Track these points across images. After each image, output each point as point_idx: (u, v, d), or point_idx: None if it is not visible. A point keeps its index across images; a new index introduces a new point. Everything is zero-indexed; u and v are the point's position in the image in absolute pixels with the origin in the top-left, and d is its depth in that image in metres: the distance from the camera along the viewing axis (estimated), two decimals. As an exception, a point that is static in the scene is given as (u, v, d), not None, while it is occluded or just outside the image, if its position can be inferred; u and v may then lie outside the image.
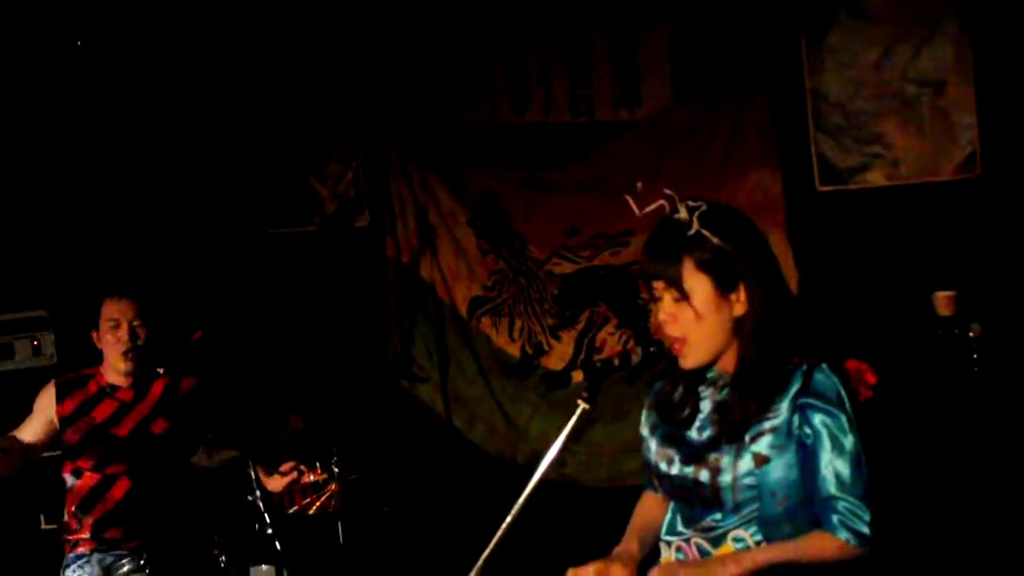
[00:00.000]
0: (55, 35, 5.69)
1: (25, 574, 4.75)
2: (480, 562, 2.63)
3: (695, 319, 2.55)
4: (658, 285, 2.59)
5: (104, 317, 4.33)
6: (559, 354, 5.76)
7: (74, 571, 4.22)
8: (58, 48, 5.72)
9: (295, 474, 4.27)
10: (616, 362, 2.63)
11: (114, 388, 4.38)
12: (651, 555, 2.88)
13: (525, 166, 5.78)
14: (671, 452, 2.70)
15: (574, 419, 2.57)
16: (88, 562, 4.22)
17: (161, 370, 4.36)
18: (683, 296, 2.54)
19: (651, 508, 2.93)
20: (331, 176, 6.26)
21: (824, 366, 2.54)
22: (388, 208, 6.16)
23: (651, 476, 2.81)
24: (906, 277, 4.98)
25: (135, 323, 4.32)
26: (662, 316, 2.60)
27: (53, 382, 4.40)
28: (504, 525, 2.59)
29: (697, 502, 2.64)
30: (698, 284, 2.54)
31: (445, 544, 4.02)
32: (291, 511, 4.24)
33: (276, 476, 4.20)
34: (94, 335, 4.39)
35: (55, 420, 4.33)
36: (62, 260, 5.62)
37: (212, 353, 4.59)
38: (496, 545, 2.61)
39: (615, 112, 5.65)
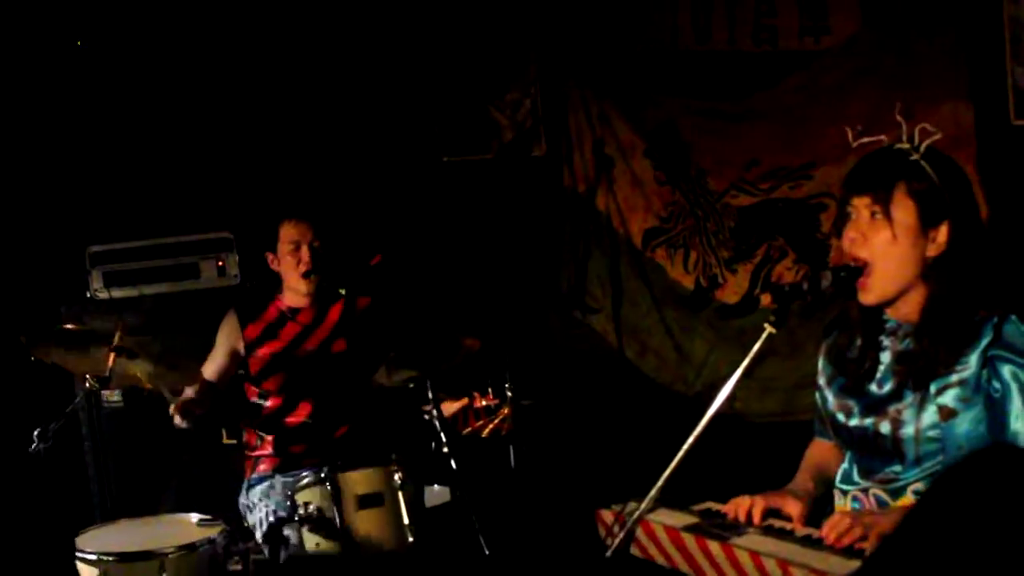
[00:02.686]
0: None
1: (207, 488, 4.89)
2: (654, 491, 2.63)
3: (889, 241, 2.51)
4: (859, 202, 2.55)
5: (283, 239, 4.39)
6: (734, 287, 5.68)
7: (258, 496, 4.28)
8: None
9: (468, 398, 4.33)
10: (805, 286, 2.58)
11: (294, 311, 4.46)
12: (822, 501, 2.84)
13: (705, 96, 5.67)
14: (850, 403, 2.66)
15: (759, 343, 2.52)
16: (272, 486, 4.28)
17: (343, 291, 4.44)
18: (885, 214, 2.50)
19: (824, 453, 2.88)
20: (509, 104, 6.27)
21: (1013, 317, 2.47)
22: (565, 138, 6.13)
23: (827, 426, 2.78)
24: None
25: (314, 244, 4.38)
26: (852, 234, 2.55)
27: (234, 310, 4.48)
28: (680, 453, 2.58)
29: (877, 454, 2.59)
30: (903, 209, 2.50)
31: (614, 472, 4.03)
32: (464, 433, 4.31)
33: (451, 398, 4.26)
34: (270, 258, 4.45)
35: (241, 348, 4.42)
36: (247, 184, 5.77)
37: (391, 277, 4.67)
38: (671, 474, 2.60)
39: (800, 41, 5.48)
